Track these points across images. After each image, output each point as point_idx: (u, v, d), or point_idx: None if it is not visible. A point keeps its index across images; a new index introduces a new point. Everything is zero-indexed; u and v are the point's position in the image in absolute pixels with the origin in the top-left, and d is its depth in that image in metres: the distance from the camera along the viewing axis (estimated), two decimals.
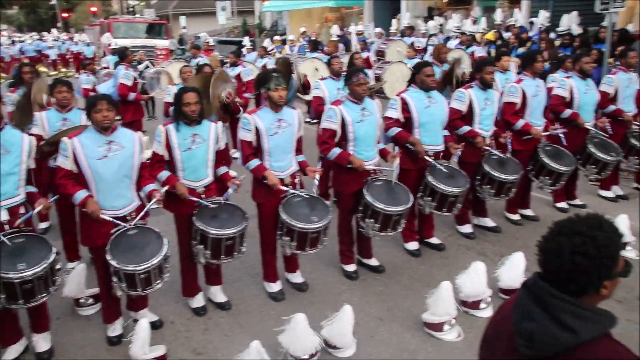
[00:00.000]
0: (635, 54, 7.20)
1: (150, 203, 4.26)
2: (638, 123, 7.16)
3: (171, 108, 5.03)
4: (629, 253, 5.72)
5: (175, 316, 4.79)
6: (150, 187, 4.30)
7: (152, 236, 4.18)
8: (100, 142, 4.06)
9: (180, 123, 4.48)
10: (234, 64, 9.78)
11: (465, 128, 5.84)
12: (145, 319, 4.10)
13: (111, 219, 4.07)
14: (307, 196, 4.80)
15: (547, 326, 1.66)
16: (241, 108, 7.19)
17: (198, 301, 4.85)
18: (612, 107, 7.01)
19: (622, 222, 5.72)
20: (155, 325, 4.49)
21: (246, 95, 8.67)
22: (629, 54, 7.17)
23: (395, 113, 5.44)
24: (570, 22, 12.99)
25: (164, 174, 4.50)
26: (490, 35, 14.26)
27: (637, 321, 4.55)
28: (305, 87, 7.33)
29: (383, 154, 5.29)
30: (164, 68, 10.20)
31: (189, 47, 16.65)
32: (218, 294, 4.94)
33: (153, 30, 27.25)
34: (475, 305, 4.65)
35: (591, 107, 6.82)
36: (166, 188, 4.40)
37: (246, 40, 14.92)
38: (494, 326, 1.93)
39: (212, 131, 4.61)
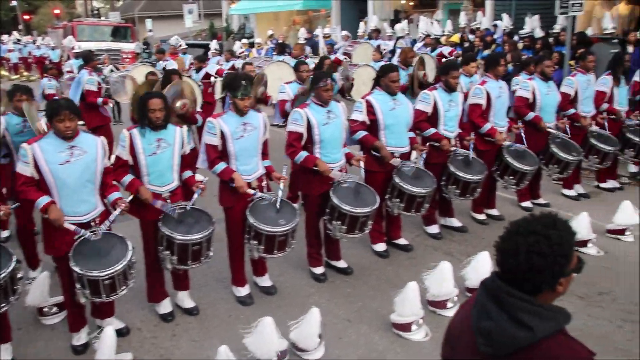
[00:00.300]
0: (594, 57, 7.40)
1: (114, 213, 4.21)
2: (599, 121, 7.35)
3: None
4: (590, 250, 5.86)
5: (142, 323, 4.73)
6: (115, 195, 4.25)
7: (117, 242, 4.13)
8: (61, 147, 3.98)
9: (145, 128, 4.43)
10: (199, 69, 9.71)
11: (431, 130, 5.91)
12: (110, 326, 4.03)
13: (74, 227, 4.00)
14: (274, 199, 4.80)
15: (505, 324, 1.69)
16: (200, 117, 7.10)
17: (165, 307, 4.80)
18: (571, 110, 7.19)
19: (584, 220, 5.88)
20: (121, 333, 4.42)
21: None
22: (588, 57, 7.36)
23: (361, 115, 5.48)
24: (532, 25, 13.25)
25: (128, 178, 4.45)
26: (455, 38, 14.45)
27: (598, 316, 4.66)
28: (264, 101, 7.26)
29: (347, 158, 5.32)
30: (128, 72, 10.05)
31: (154, 51, 16.44)
32: (185, 299, 4.90)
33: (118, 33, 26.88)
34: (442, 304, 4.70)
35: (553, 109, 6.98)
36: (131, 197, 4.35)
37: (214, 44, 14.81)
38: (456, 325, 1.96)
39: (178, 135, 4.58)
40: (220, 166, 4.69)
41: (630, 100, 7.86)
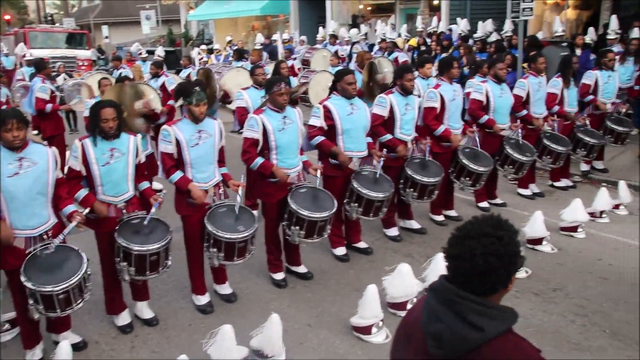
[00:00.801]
0: (544, 60, 7.61)
1: (70, 226, 4.13)
2: (550, 124, 7.56)
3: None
4: (545, 247, 6.03)
5: (100, 335, 4.64)
6: (70, 208, 4.16)
7: (71, 254, 4.05)
8: (10, 159, 3.88)
9: (97, 137, 4.35)
10: (155, 75, 9.60)
11: (387, 136, 5.98)
12: (66, 341, 3.96)
13: (22, 246, 3.90)
14: (232, 206, 4.78)
15: (456, 327, 1.72)
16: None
17: (123, 319, 4.71)
18: (523, 112, 7.37)
19: (538, 218, 6.04)
20: (78, 347, 4.34)
21: (170, 102, 8.51)
22: (539, 59, 7.57)
23: (318, 121, 5.51)
24: (486, 29, 13.55)
25: (82, 193, 4.36)
26: (413, 42, 14.67)
27: (553, 312, 4.79)
28: (225, 97, 7.29)
29: (305, 166, 5.34)
30: (83, 80, 9.86)
31: (110, 58, 16.16)
32: (145, 309, 4.83)
33: (73, 40, 26.32)
34: (402, 306, 4.75)
35: (506, 110, 7.15)
36: (87, 210, 4.28)
37: (159, 51, 14.64)
38: (404, 329, 1.98)
39: (132, 144, 4.51)
40: (177, 176, 4.65)
41: (579, 102, 8.12)
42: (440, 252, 4.97)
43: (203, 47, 18.26)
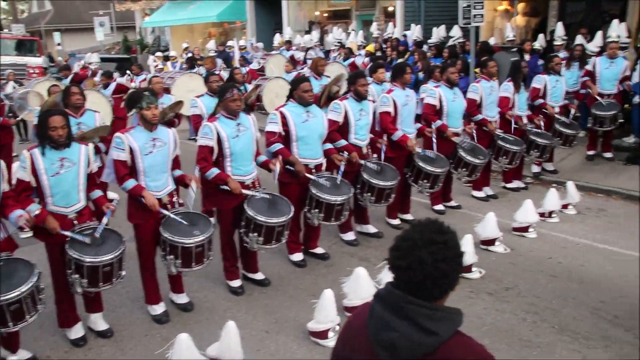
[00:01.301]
0: (495, 64, 7.82)
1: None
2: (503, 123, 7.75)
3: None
4: (498, 248, 6.18)
5: (51, 350, 4.53)
6: (18, 212, 4.03)
7: (20, 266, 3.94)
8: None
9: (46, 147, 4.25)
10: (106, 86, 9.46)
11: (341, 142, 6.03)
12: (15, 356, 3.84)
13: None
14: (187, 212, 4.75)
15: (410, 333, 1.72)
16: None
17: (76, 332, 4.61)
18: (479, 116, 7.55)
19: (491, 219, 6.19)
20: None
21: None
22: (489, 64, 7.77)
23: (277, 127, 5.51)
24: (439, 34, 13.81)
25: (34, 208, 4.22)
26: (371, 48, 14.83)
27: (505, 311, 4.92)
28: (171, 123, 7.22)
29: (265, 165, 5.33)
30: (31, 89, 9.61)
31: (59, 68, 15.74)
32: (99, 321, 4.73)
33: (23, 47, 25.65)
34: None
35: (459, 114, 7.30)
36: (38, 210, 4.16)
37: (94, 57, 14.33)
38: (346, 341, 1.96)
39: (83, 154, 4.43)
40: (130, 183, 4.59)
41: (530, 105, 8.37)
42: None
43: (159, 54, 18.00)
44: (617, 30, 9.58)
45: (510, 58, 10.33)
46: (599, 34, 10.51)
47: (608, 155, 9.19)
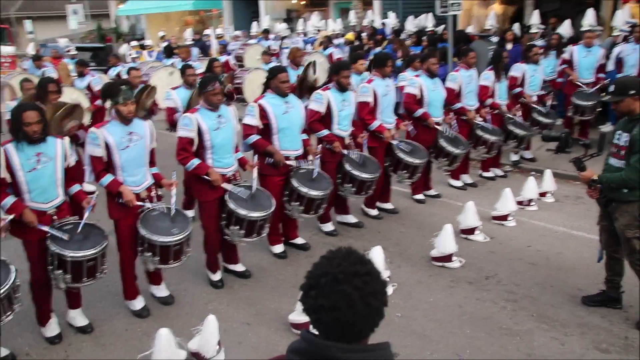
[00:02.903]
0: (474, 54, 7.83)
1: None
2: (482, 114, 7.79)
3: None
4: (477, 237, 6.24)
5: (30, 347, 4.47)
6: None
7: None
8: None
9: (21, 142, 4.14)
10: (81, 74, 9.27)
11: (324, 132, 6.01)
12: None
13: None
14: (165, 209, 4.70)
15: None
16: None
17: (52, 330, 4.53)
18: (458, 105, 7.57)
19: (470, 208, 6.23)
20: None
21: (98, 102, 8.26)
22: (469, 54, 7.79)
23: (254, 120, 5.46)
24: (420, 23, 13.81)
25: (9, 201, 4.13)
26: (350, 36, 14.77)
27: (485, 299, 4.97)
28: (150, 113, 7.15)
29: (241, 163, 5.30)
30: (6, 80, 9.39)
31: (29, 56, 15.33)
32: (78, 317, 4.68)
33: None
34: None
35: (439, 103, 7.32)
36: (11, 216, 4.08)
37: (64, 41, 13.99)
38: None
39: (59, 148, 4.33)
40: (107, 179, 4.52)
41: (509, 94, 8.43)
42: (378, 246, 5.09)
43: (134, 43, 17.68)
44: (590, 19, 9.69)
45: (487, 47, 10.38)
46: (567, 21, 10.63)
47: (586, 142, 9.27)
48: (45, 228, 4.18)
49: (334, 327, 1.53)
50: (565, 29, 10.64)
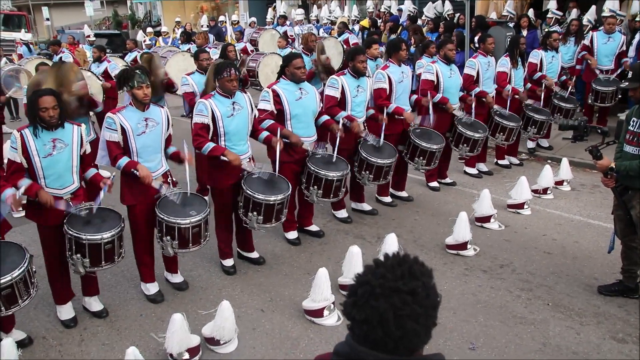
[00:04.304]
0: (493, 40, 7.74)
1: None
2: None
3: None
4: (492, 225, 6.18)
5: (47, 331, 4.52)
6: (8, 192, 3.98)
7: (11, 250, 3.90)
8: None
9: (38, 127, 4.17)
10: (98, 59, 9.31)
11: (342, 114, 5.96)
12: (9, 338, 3.82)
13: None
14: (183, 193, 4.70)
15: None
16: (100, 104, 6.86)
17: (67, 312, 4.58)
18: (477, 89, 7.48)
19: (485, 197, 6.18)
20: (23, 344, 4.21)
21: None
22: (487, 40, 7.69)
23: (269, 105, 5.45)
24: (436, 9, 13.65)
25: (25, 182, 4.16)
26: (365, 23, 14.65)
27: (500, 288, 4.94)
28: (168, 86, 7.13)
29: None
30: (22, 66, 9.45)
31: (48, 44, 15.47)
32: (93, 302, 4.72)
33: (11, 22, 25.23)
34: None
35: (455, 90, 7.25)
36: (23, 189, 4.09)
37: (86, 30, 14.04)
38: None
39: (76, 134, 4.34)
40: (124, 160, 4.50)
41: (529, 79, 8.32)
42: (392, 233, 5.07)
43: (149, 30, 17.70)
44: (612, 5, 9.49)
45: (505, 33, 10.24)
46: (593, 7, 10.42)
47: (604, 129, 9.14)
48: (61, 205, 4.20)
49: (364, 339, 1.44)
50: (590, 14, 10.42)
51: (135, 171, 4.47)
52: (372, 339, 1.41)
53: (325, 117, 5.81)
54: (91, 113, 6.78)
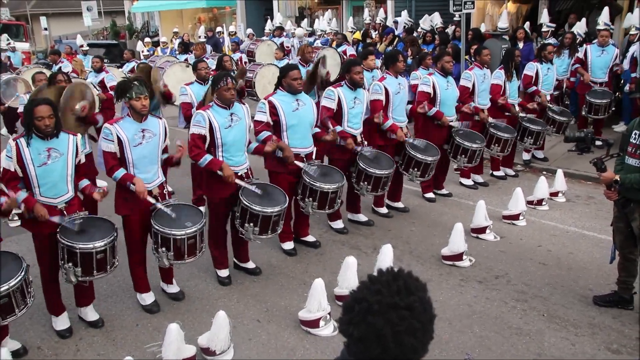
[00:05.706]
0: (488, 52, 7.80)
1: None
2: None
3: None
4: (488, 236, 6.21)
5: (42, 341, 4.51)
6: (2, 199, 3.98)
7: (8, 259, 3.91)
8: None
9: (32, 137, 4.18)
10: (98, 70, 9.35)
11: (337, 128, 5.99)
12: (4, 348, 3.82)
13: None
14: (177, 204, 4.72)
15: None
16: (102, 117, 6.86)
17: (62, 323, 4.57)
18: (471, 104, 7.52)
19: (481, 207, 6.20)
20: (18, 354, 4.20)
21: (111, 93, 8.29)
22: (483, 52, 7.75)
23: (265, 116, 5.47)
24: (433, 21, 13.74)
25: (21, 195, 4.17)
26: (357, 35, 14.75)
27: (495, 298, 4.95)
28: (166, 97, 7.13)
29: (258, 150, 5.28)
30: (19, 75, 9.47)
31: (48, 52, 15.55)
32: (89, 312, 4.71)
33: (9, 31, 25.17)
34: (347, 298, 4.78)
35: (452, 102, 7.29)
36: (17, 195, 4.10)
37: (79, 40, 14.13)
38: None
39: (71, 144, 4.37)
40: (120, 172, 4.53)
41: (522, 93, 8.37)
42: (388, 244, 5.08)
43: (147, 40, 17.77)
44: (606, 17, 9.59)
45: (501, 45, 10.34)
46: (584, 20, 10.54)
47: (598, 142, 9.19)
48: (56, 219, 4.21)
49: (361, 357, 1.42)
50: (580, 27, 10.54)
51: (131, 185, 4.48)
52: (369, 357, 1.40)
53: (317, 130, 5.84)
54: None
